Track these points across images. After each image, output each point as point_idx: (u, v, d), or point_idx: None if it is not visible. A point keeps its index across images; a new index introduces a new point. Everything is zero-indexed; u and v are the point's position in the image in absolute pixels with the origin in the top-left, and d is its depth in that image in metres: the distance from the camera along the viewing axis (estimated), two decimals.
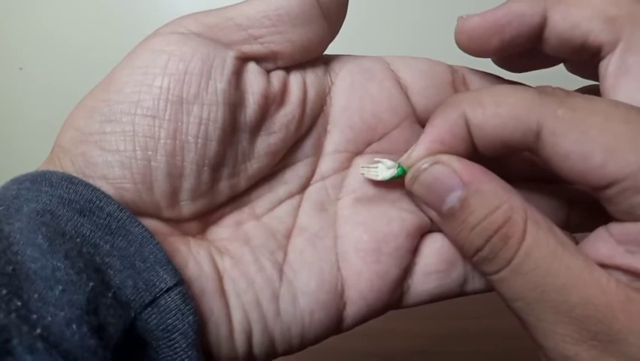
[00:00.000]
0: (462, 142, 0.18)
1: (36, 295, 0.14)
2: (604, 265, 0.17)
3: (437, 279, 0.21)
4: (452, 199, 0.18)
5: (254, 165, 0.20)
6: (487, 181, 0.18)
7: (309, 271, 0.20)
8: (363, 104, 0.21)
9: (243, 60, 0.19)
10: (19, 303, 0.13)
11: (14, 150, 0.63)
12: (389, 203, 0.21)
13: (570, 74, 0.22)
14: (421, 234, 0.21)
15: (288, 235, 0.21)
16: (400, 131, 0.22)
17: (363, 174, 0.21)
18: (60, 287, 0.14)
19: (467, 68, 0.22)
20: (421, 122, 0.22)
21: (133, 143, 0.17)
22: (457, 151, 0.19)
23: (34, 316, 0.13)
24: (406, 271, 0.21)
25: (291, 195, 0.21)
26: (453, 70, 0.22)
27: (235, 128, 0.19)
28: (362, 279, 0.20)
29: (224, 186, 0.19)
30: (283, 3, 0.19)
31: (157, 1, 0.61)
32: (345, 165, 0.22)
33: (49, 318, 0.13)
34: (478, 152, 0.19)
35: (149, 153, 0.17)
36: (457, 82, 0.22)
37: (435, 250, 0.21)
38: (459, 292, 0.21)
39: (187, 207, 0.19)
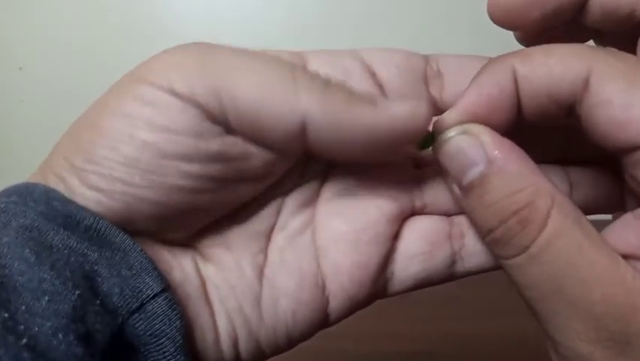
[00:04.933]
0: (508, 98, 0.18)
1: (23, 307, 0.14)
2: (634, 257, 0.16)
3: (421, 262, 0.20)
4: (473, 173, 0.17)
5: (246, 198, 0.20)
6: (514, 160, 0.17)
7: (288, 270, 0.20)
8: None
9: None
10: (6, 315, 0.13)
11: (14, 149, 0.64)
12: (367, 191, 0.21)
13: None
14: (401, 219, 0.21)
15: (269, 236, 0.20)
16: None
17: None
18: (46, 298, 0.14)
19: (443, 55, 0.21)
20: None
21: (112, 185, 0.17)
22: (501, 109, 0.18)
23: (21, 327, 0.14)
24: (387, 258, 0.20)
25: (274, 198, 0.21)
26: (426, 60, 0.21)
27: (231, 180, 0.18)
28: (341, 272, 0.20)
29: (212, 217, 0.19)
30: (272, 124, 0.17)
31: (156, 1, 0.61)
32: (326, 165, 0.21)
33: (36, 328, 0.14)
34: (521, 117, 0.18)
35: (128, 198, 0.17)
36: (429, 75, 0.21)
37: (417, 232, 0.21)
38: (448, 275, 0.21)
39: (171, 236, 0.19)
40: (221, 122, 0.17)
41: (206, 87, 0.17)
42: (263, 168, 0.18)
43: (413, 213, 0.21)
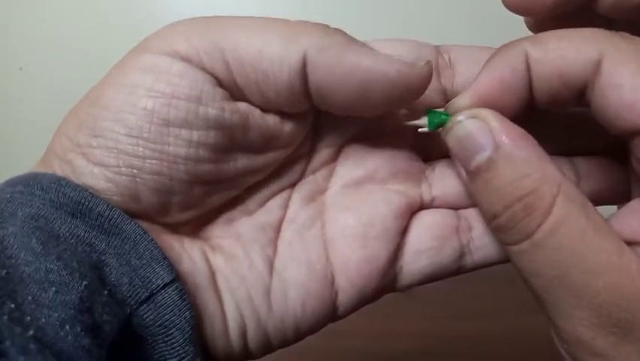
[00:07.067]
0: (520, 80, 0.18)
1: (30, 298, 0.14)
2: (639, 244, 0.16)
3: (430, 256, 0.20)
4: (481, 158, 0.17)
5: (250, 180, 0.20)
6: (522, 147, 0.17)
7: (297, 262, 0.20)
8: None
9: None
10: (12, 305, 0.13)
11: (14, 150, 0.63)
12: (376, 185, 0.21)
13: None
14: (410, 213, 0.21)
15: (278, 228, 0.21)
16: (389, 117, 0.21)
17: (411, 125, 0.20)
18: (53, 289, 0.14)
19: (455, 45, 0.22)
20: (408, 107, 0.21)
21: (117, 159, 0.17)
22: (513, 91, 0.18)
23: (28, 318, 0.13)
24: (396, 252, 0.20)
25: (282, 190, 0.21)
26: (438, 51, 0.21)
27: (232, 149, 0.19)
28: (350, 265, 0.20)
29: (217, 198, 0.19)
30: (274, 67, 0.17)
31: (157, 2, 0.61)
32: (335, 157, 0.22)
33: (43, 319, 0.14)
34: (532, 101, 0.18)
35: (134, 170, 0.17)
36: (441, 65, 0.21)
37: (425, 227, 0.21)
38: (457, 268, 0.21)
39: (178, 217, 0.19)
40: (223, 79, 0.17)
41: (208, 43, 0.17)
42: (260, 138, 0.19)
43: (422, 207, 0.21)
